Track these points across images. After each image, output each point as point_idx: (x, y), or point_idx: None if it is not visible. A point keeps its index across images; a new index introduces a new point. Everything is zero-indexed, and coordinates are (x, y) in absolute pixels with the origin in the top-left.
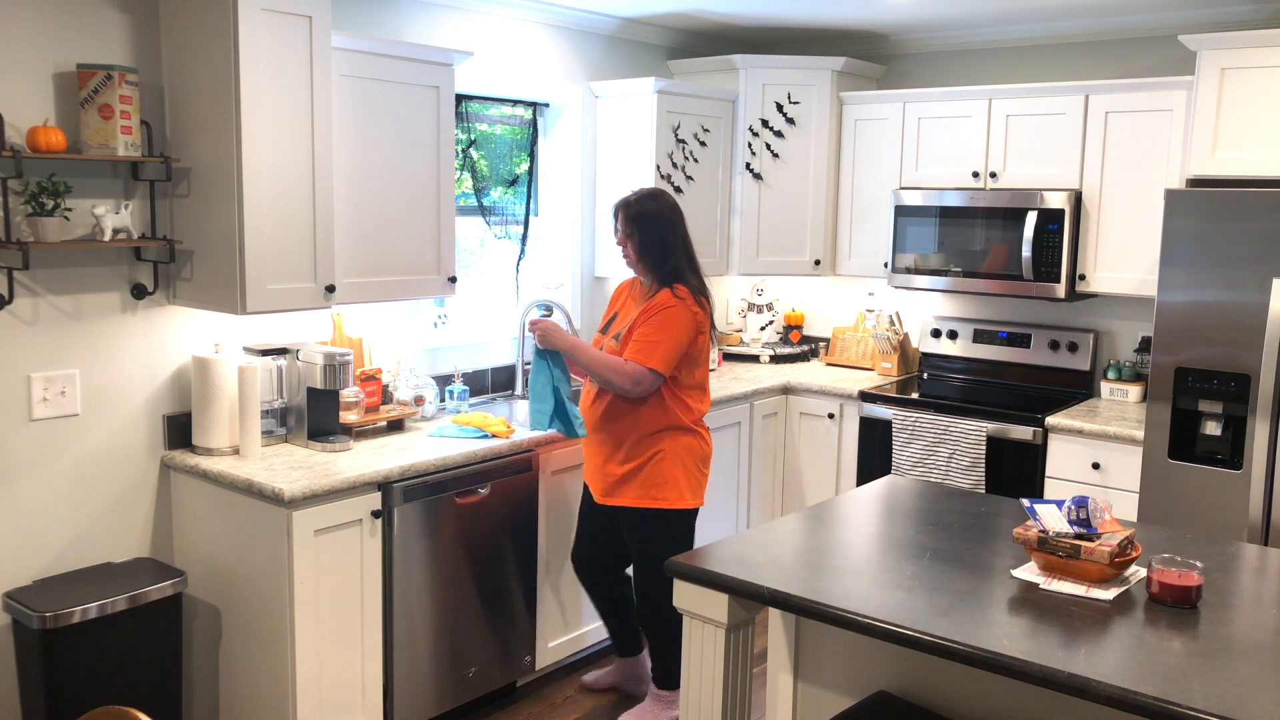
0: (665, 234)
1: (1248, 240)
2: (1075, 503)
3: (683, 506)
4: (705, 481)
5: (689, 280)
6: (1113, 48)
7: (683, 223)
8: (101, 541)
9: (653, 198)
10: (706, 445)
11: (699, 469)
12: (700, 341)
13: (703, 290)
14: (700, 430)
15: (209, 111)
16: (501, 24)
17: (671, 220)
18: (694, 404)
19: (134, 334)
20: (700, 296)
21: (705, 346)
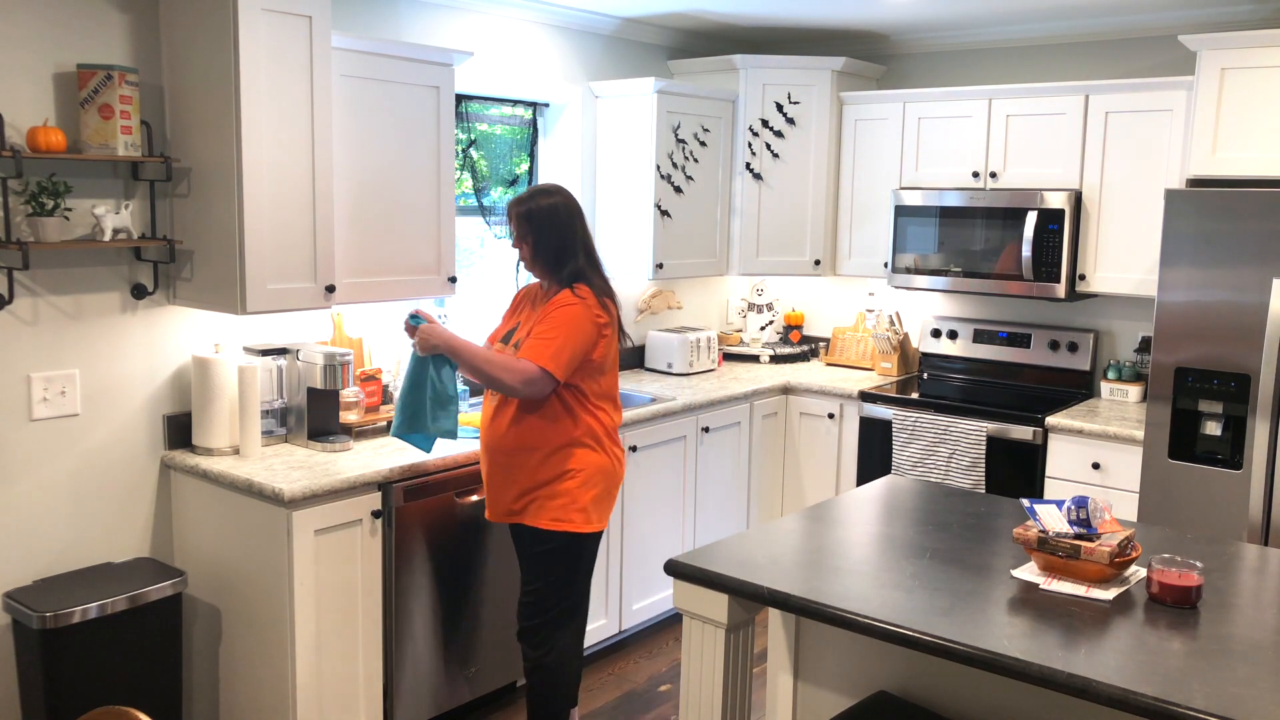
0: (560, 233)
1: (1248, 240)
2: (1075, 503)
3: (587, 530)
4: (611, 505)
5: (592, 280)
6: (1113, 48)
7: (581, 220)
8: (101, 541)
9: (545, 193)
10: (618, 466)
11: (605, 490)
12: (604, 347)
13: (607, 291)
14: (611, 448)
15: (209, 111)
16: (501, 24)
17: (567, 218)
18: (603, 418)
19: (134, 334)
20: (605, 298)
21: (611, 353)
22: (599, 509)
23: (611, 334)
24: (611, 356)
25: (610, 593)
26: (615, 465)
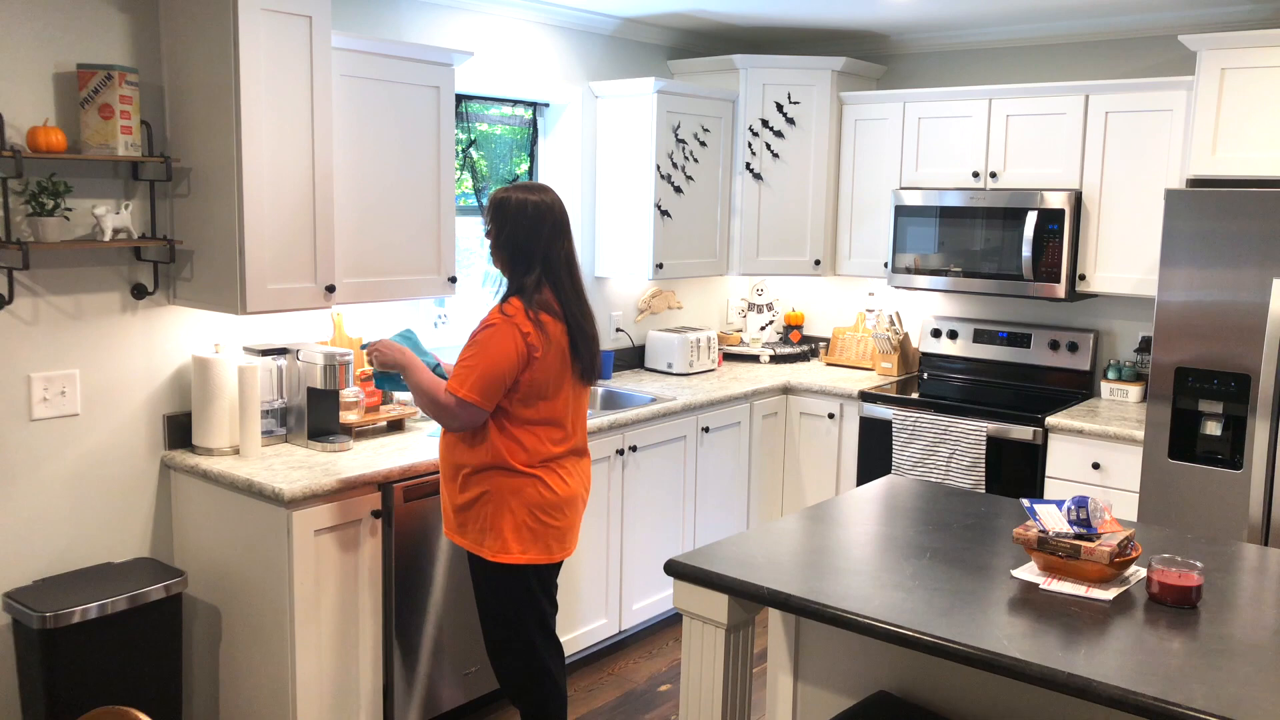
0: (523, 232)
1: (1248, 240)
2: (1075, 503)
3: (506, 560)
4: (550, 533)
5: (532, 296)
6: (1113, 48)
7: (556, 229)
8: (101, 541)
9: (530, 189)
10: (550, 491)
11: (534, 518)
12: (537, 370)
13: (550, 308)
14: (539, 473)
15: (209, 111)
16: (501, 24)
17: (535, 220)
18: (530, 443)
19: (134, 334)
20: (542, 313)
21: (547, 377)
22: (520, 538)
23: (548, 356)
24: (550, 381)
25: (610, 593)
26: (544, 491)
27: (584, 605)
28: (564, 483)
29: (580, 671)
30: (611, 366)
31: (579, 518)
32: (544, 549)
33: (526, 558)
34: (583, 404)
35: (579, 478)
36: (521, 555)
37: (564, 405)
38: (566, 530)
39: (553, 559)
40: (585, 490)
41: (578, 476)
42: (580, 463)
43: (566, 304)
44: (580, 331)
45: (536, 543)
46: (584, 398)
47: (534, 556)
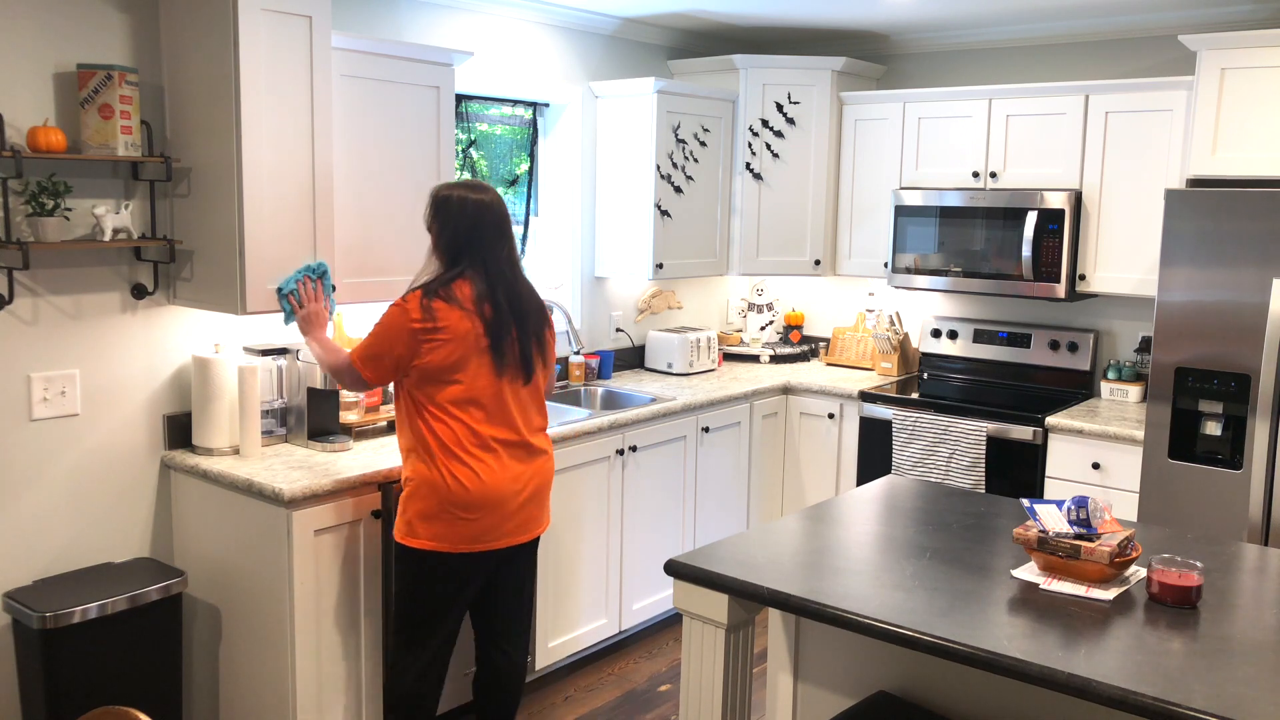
0: (462, 234)
1: (1248, 240)
2: (1075, 503)
3: (408, 544)
4: (462, 525)
5: (437, 290)
6: (1113, 48)
7: (494, 229)
8: (101, 541)
9: (469, 188)
10: (461, 487)
11: (443, 510)
12: (435, 354)
13: (458, 301)
14: (452, 466)
15: (209, 111)
16: (501, 24)
17: (474, 221)
18: (443, 431)
19: (134, 334)
20: (437, 302)
21: (450, 363)
22: (428, 527)
23: (447, 346)
24: (457, 368)
25: (610, 593)
26: (449, 482)
27: (584, 605)
28: (477, 478)
29: (580, 671)
30: (611, 366)
31: (505, 514)
32: (454, 539)
33: (432, 544)
34: (525, 399)
35: (508, 474)
36: (428, 542)
37: (487, 395)
38: (489, 528)
39: (464, 549)
40: (525, 487)
41: (506, 473)
42: (516, 459)
43: (499, 302)
44: (505, 329)
45: (447, 533)
46: (526, 394)
47: (441, 545)
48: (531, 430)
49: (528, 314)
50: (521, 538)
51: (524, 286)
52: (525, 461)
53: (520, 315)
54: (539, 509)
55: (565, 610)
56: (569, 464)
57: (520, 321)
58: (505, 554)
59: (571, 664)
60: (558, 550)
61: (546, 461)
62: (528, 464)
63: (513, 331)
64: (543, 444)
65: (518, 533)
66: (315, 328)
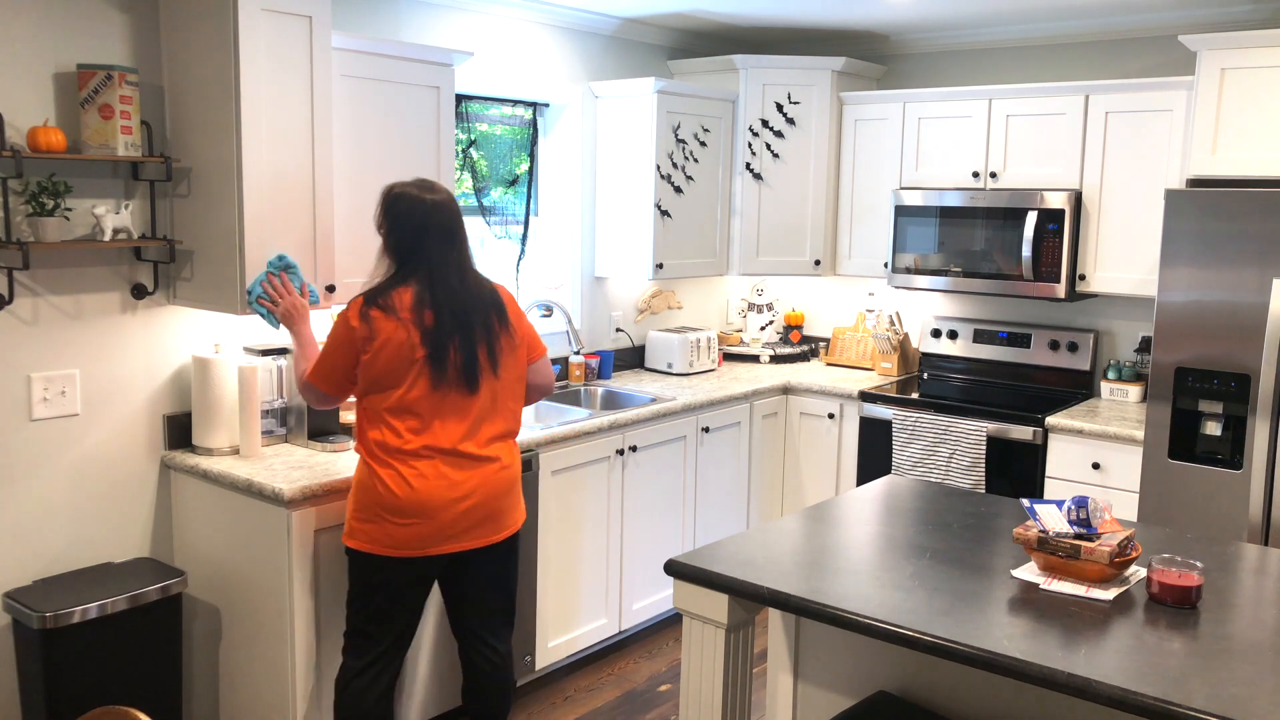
0: (409, 235)
1: (1248, 240)
2: (1075, 503)
3: (348, 545)
4: (398, 530)
5: (377, 298)
6: (1113, 48)
7: (441, 232)
8: (101, 541)
9: (421, 187)
10: (389, 492)
11: (378, 515)
12: (377, 363)
13: (393, 310)
14: (383, 472)
15: (209, 111)
16: (501, 24)
17: (420, 221)
18: (375, 435)
19: (134, 334)
20: (375, 311)
21: (383, 371)
22: (363, 529)
23: (383, 354)
24: (393, 376)
25: (610, 593)
26: (379, 487)
27: (584, 605)
28: (408, 485)
29: (580, 671)
30: (611, 366)
31: (442, 522)
32: (387, 543)
33: (368, 546)
34: (479, 407)
35: (444, 482)
36: (366, 545)
37: (423, 405)
38: (424, 535)
39: (397, 554)
40: (466, 495)
41: (442, 481)
42: (454, 468)
43: (441, 311)
44: (446, 339)
45: (381, 536)
46: (481, 402)
47: (376, 548)
48: (481, 440)
49: (473, 324)
50: (471, 544)
51: (473, 292)
52: (467, 470)
53: (465, 325)
54: (492, 516)
55: (565, 610)
56: (569, 464)
57: (465, 331)
58: (458, 559)
59: (571, 664)
60: (558, 550)
61: (497, 471)
62: (470, 472)
63: (455, 340)
64: (494, 453)
65: (465, 539)
66: (297, 321)
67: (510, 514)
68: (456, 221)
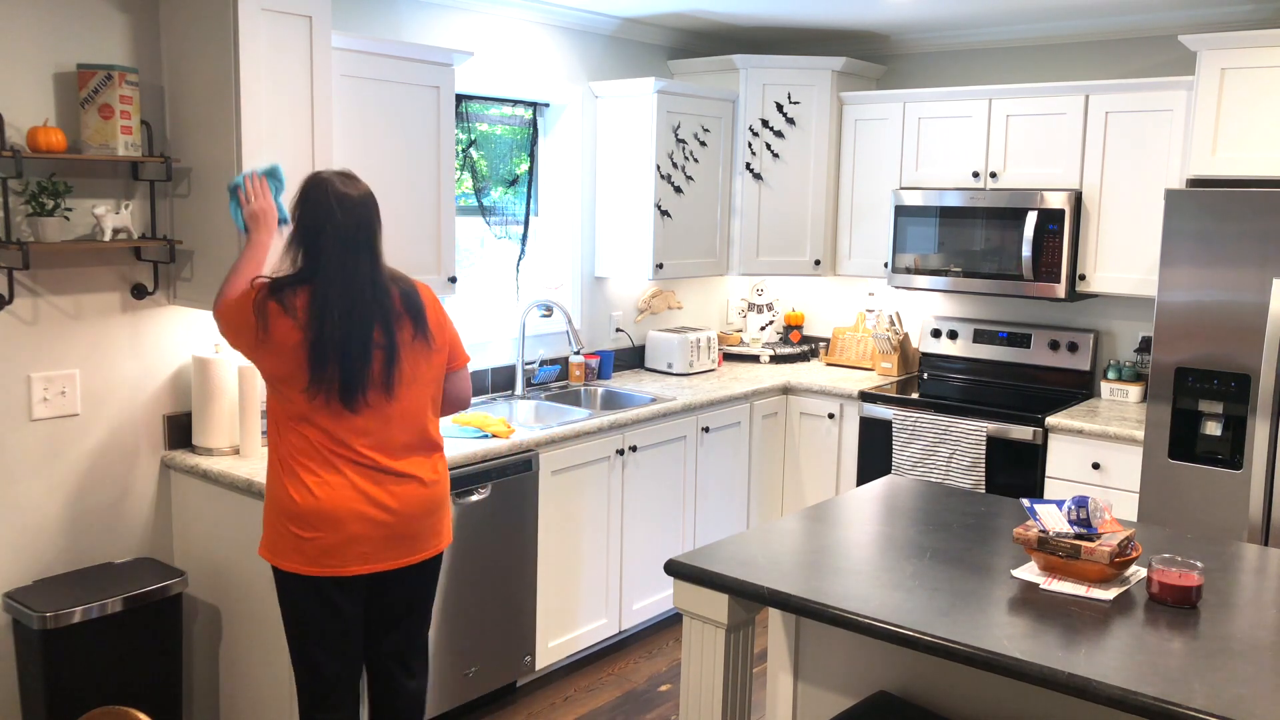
0: (305, 225)
1: (1248, 240)
2: (1075, 503)
3: (266, 558)
4: (306, 544)
5: (283, 290)
6: (1113, 48)
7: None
8: (101, 541)
9: (342, 177)
10: (289, 499)
11: (282, 524)
12: (269, 362)
13: (289, 308)
14: (284, 476)
15: (209, 111)
16: (501, 24)
17: (323, 215)
18: (273, 434)
19: (134, 334)
20: (271, 303)
21: (280, 371)
22: (283, 544)
23: (271, 350)
24: (284, 375)
25: (610, 593)
26: (284, 498)
27: (584, 605)
28: (310, 494)
29: (580, 671)
30: (611, 366)
31: (351, 536)
32: (303, 559)
33: (283, 564)
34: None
35: (347, 494)
36: (281, 561)
37: (321, 414)
38: (333, 547)
39: (317, 571)
40: (382, 514)
41: (345, 492)
42: (368, 480)
43: (332, 318)
44: (333, 349)
45: (294, 551)
46: (367, 416)
47: (293, 565)
48: (392, 453)
49: (368, 334)
50: (382, 565)
51: (380, 298)
52: (381, 485)
53: (359, 336)
54: (409, 536)
55: (565, 610)
56: (569, 464)
57: (357, 342)
58: (372, 581)
59: (571, 664)
60: (558, 550)
61: (415, 489)
62: (384, 489)
63: (341, 354)
64: (411, 469)
65: (381, 559)
66: (259, 228)
67: (430, 537)
68: (369, 220)
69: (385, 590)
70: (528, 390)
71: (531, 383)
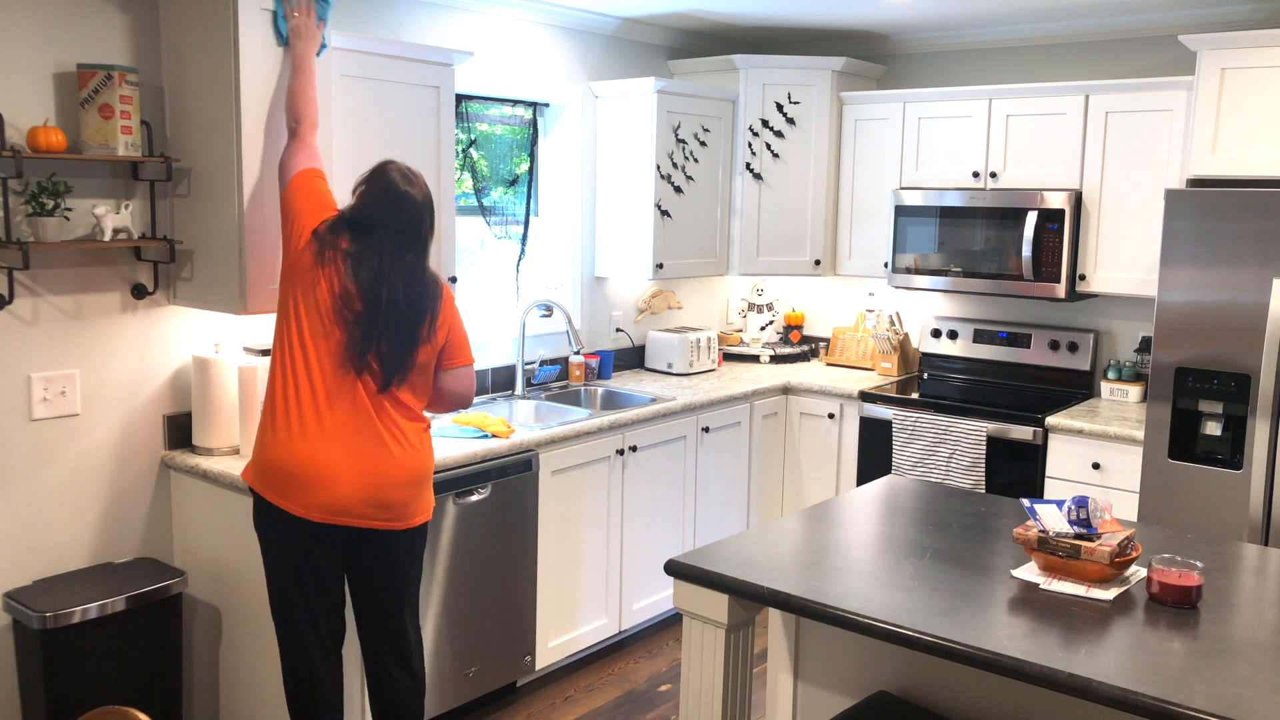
0: (360, 204)
1: (1248, 240)
2: (1075, 503)
3: (248, 481)
4: (281, 480)
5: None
6: (1113, 48)
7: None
8: (101, 541)
9: (404, 175)
10: (261, 442)
11: (267, 470)
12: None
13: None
14: (266, 414)
15: (209, 111)
16: (501, 24)
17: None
18: (282, 359)
19: (134, 334)
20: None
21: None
22: (261, 476)
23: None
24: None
25: (610, 593)
26: (261, 438)
27: (584, 605)
28: (277, 442)
29: (580, 671)
30: (611, 366)
31: (329, 490)
32: (277, 490)
33: (264, 491)
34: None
35: (331, 444)
36: (261, 488)
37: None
38: (300, 491)
39: (282, 503)
40: (359, 469)
41: (317, 446)
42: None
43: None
44: (373, 327)
45: (271, 475)
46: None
47: (263, 487)
48: (380, 420)
49: (401, 332)
50: (361, 523)
51: (414, 292)
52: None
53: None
54: (386, 505)
55: (565, 610)
56: (569, 464)
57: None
58: (352, 541)
59: (571, 664)
60: (558, 550)
61: (387, 457)
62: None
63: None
64: (389, 437)
65: (354, 516)
66: (305, 40)
67: (409, 505)
68: (421, 227)
69: (361, 552)
70: (528, 390)
71: (531, 383)
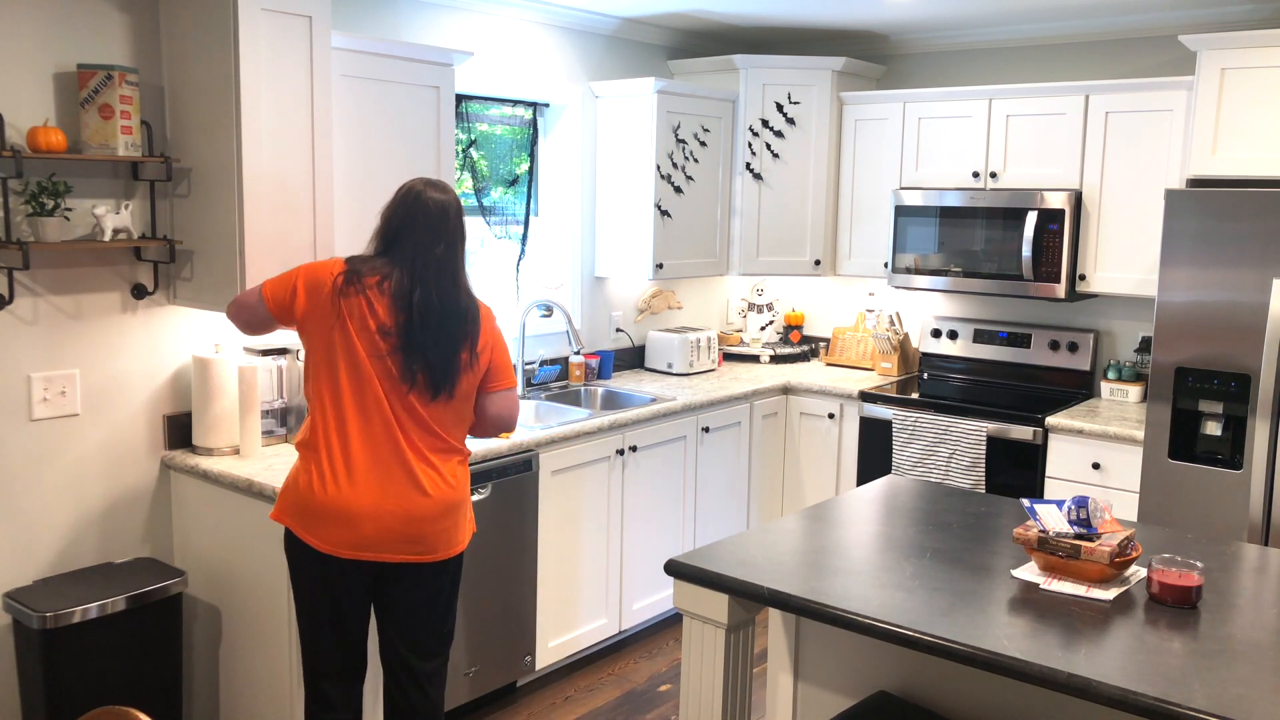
0: (388, 217)
1: (1248, 240)
2: (1075, 503)
3: (278, 518)
4: (317, 521)
5: (369, 259)
6: (1113, 48)
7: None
8: (101, 541)
9: (432, 184)
10: (297, 485)
11: (299, 510)
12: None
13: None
14: (307, 457)
15: (209, 111)
16: (501, 24)
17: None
18: (318, 422)
19: (134, 334)
20: (360, 275)
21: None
22: (290, 514)
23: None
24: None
25: (610, 593)
26: (302, 482)
27: (584, 605)
28: (319, 486)
29: (580, 671)
30: (611, 366)
31: (358, 528)
32: (305, 524)
33: (286, 519)
34: (411, 418)
35: (361, 489)
36: (294, 525)
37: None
38: (328, 528)
39: (311, 540)
40: (387, 508)
41: (359, 487)
42: (388, 472)
43: (411, 313)
44: (416, 341)
45: (298, 521)
46: (416, 412)
47: (291, 522)
48: (417, 453)
49: (440, 338)
50: (391, 557)
51: (448, 304)
52: (394, 480)
53: (433, 332)
54: (417, 539)
55: (565, 610)
56: (569, 464)
57: (432, 338)
58: (381, 574)
59: (571, 664)
60: (558, 550)
61: (420, 496)
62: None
63: (423, 345)
64: (427, 472)
65: (385, 551)
66: None
67: (440, 538)
68: (448, 224)
69: (392, 585)
70: (528, 390)
71: (531, 383)
